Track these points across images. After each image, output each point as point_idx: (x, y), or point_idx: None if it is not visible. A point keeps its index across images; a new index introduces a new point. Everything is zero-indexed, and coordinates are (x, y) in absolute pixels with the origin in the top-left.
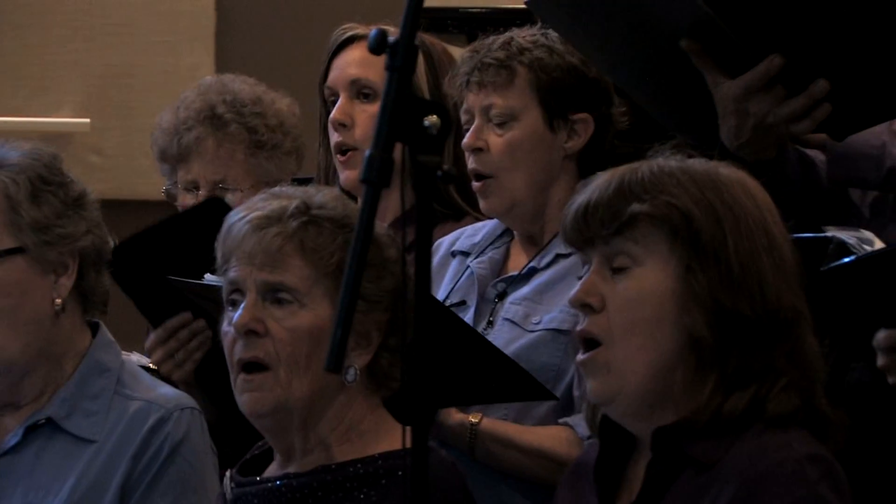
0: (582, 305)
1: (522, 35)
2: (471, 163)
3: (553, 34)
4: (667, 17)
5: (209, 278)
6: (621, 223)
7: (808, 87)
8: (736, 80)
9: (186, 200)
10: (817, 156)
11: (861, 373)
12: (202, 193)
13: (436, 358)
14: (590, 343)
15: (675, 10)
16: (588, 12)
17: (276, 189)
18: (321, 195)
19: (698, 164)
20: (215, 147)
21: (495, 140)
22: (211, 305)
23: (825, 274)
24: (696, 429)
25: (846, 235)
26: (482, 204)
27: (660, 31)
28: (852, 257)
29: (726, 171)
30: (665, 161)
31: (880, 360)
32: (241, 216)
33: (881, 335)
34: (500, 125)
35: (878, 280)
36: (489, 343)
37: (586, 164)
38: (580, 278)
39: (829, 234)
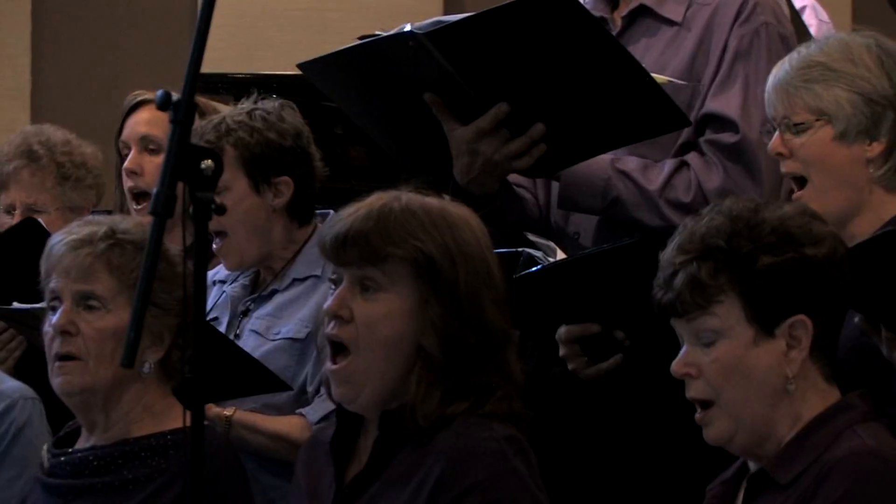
0: (334, 315)
1: (232, 116)
2: None
3: (258, 113)
4: (415, 74)
5: (17, 305)
6: (375, 258)
7: (529, 129)
8: (469, 126)
9: (3, 221)
10: (525, 194)
11: (563, 367)
12: (18, 214)
13: (210, 360)
14: (337, 346)
15: (422, 69)
16: (352, 74)
17: (89, 217)
18: (125, 223)
19: (434, 203)
20: (29, 176)
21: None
22: (19, 326)
23: (517, 281)
24: (419, 420)
25: (539, 243)
26: (222, 263)
27: (408, 87)
28: (538, 267)
29: (456, 210)
30: (410, 198)
31: (562, 351)
32: (60, 239)
33: (562, 330)
34: (217, 194)
35: (558, 286)
36: (242, 349)
37: (296, 212)
38: (334, 288)
39: (520, 249)
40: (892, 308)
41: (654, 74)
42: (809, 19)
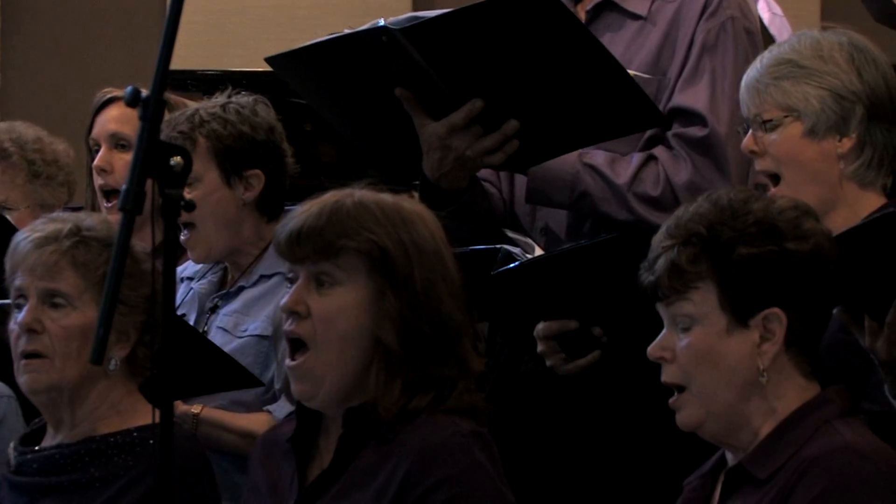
0: (291, 312)
1: (206, 108)
2: None
3: (232, 106)
4: (386, 69)
5: None
6: (329, 252)
7: (502, 125)
8: (441, 121)
9: None
10: (489, 188)
11: (535, 363)
12: None
13: (177, 357)
14: (296, 343)
15: (394, 64)
16: (321, 68)
17: (54, 214)
18: (90, 220)
19: (387, 198)
20: (0, 174)
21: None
22: None
23: (495, 277)
24: (381, 413)
25: (518, 239)
26: (189, 254)
27: (378, 82)
28: (516, 263)
29: (409, 205)
30: (363, 194)
31: (539, 347)
32: (25, 236)
33: (540, 327)
34: (188, 185)
35: (536, 282)
36: (213, 344)
37: (266, 207)
38: (290, 286)
39: (498, 245)
40: (878, 295)
41: None
42: (762, 11)
